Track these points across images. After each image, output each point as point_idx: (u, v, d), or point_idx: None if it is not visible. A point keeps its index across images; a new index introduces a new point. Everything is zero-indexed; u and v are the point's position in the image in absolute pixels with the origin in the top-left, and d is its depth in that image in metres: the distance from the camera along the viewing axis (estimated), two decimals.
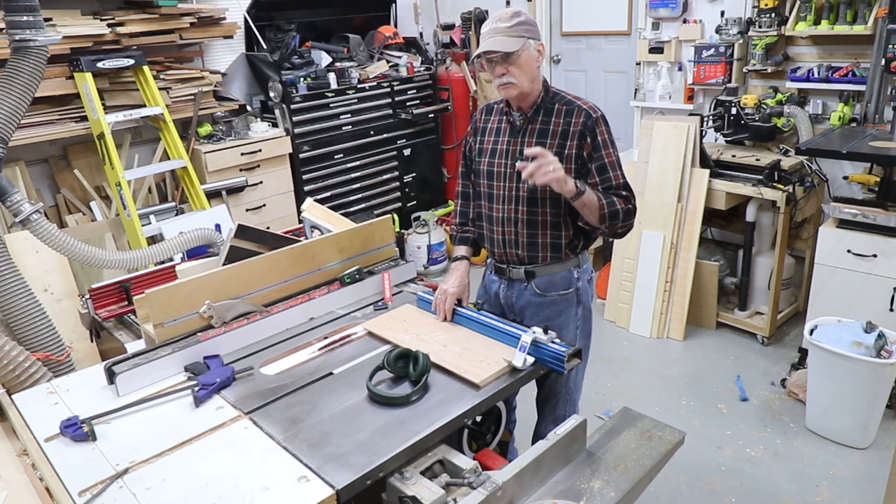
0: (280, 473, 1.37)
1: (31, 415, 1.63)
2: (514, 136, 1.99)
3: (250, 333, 1.92)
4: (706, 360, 3.47)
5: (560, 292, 2.04)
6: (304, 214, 2.50)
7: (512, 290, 2.09)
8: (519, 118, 1.98)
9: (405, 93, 4.90)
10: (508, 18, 1.87)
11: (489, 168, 2.04)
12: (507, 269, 2.08)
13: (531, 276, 2.04)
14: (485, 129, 2.09)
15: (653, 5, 4.14)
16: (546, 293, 2.04)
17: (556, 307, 2.05)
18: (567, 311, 2.06)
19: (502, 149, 2.02)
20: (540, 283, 2.04)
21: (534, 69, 1.91)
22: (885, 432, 2.79)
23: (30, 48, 2.44)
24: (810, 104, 3.62)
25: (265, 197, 4.36)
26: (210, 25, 4.10)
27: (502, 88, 1.91)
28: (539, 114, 1.96)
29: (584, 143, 1.92)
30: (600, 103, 4.49)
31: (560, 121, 1.93)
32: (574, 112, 1.93)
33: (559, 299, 2.05)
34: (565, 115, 1.93)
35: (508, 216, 2.02)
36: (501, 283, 2.12)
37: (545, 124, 1.95)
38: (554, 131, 1.93)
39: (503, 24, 1.86)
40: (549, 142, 1.93)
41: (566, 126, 1.92)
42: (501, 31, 1.85)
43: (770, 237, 3.61)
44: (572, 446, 1.56)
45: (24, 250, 2.97)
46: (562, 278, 2.04)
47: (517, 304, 2.09)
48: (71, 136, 3.67)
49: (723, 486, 2.58)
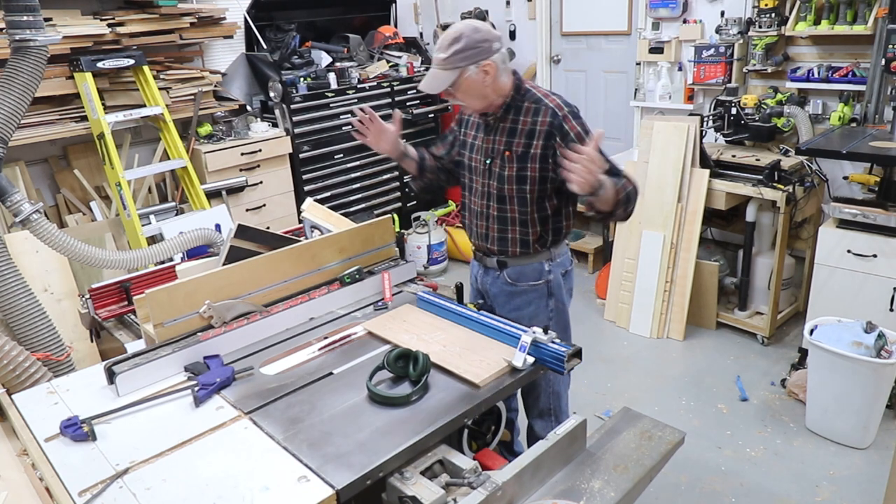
0: (280, 473, 1.37)
1: (31, 415, 1.62)
2: (486, 133, 2.05)
3: (250, 333, 1.92)
4: (706, 360, 3.47)
5: (530, 283, 2.10)
6: (304, 214, 2.50)
7: (487, 276, 2.20)
8: (490, 116, 2.03)
9: (405, 93, 4.90)
10: (446, 48, 1.86)
11: (469, 162, 2.14)
12: (482, 257, 2.20)
13: (503, 265, 2.12)
14: (467, 121, 2.17)
15: (653, 5, 4.14)
16: (517, 283, 2.12)
17: (526, 297, 2.12)
18: (538, 301, 2.12)
19: (478, 145, 2.09)
20: (511, 273, 2.11)
21: (481, 89, 1.90)
22: (885, 432, 2.79)
23: (30, 48, 2.45)
24: (810, 104, 3.62)
25: (265, 197, 4.36)
26: (210, 25, 4.11)
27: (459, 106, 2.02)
28: (509, 112, 1.98)
29: (551, 143, 1.91)
30: (600, 103, 4.49)
31: (528, 119, 1.95)
32: (541, 111, 1.93)
33: (529, 290, 2.11)
34: (532, 114, 1.94)
35: (482, 210, 2.11)
36: (479, 269, 2.24)
37: (514, 123, 1.97)
38: (521, 130, 1.95)
39: (441, 55, 1.88)
40: (517, 140, 1.96)
41: (532, 125, 1.93)
42: (438, 62, 1.89)
43: (770, 237, 3.61)
44: (572, 446, 1.56)
45: (24, 250, 2.97)
46: (532, 270, 2.10)
47: (491, 290, 2.20)
48: (71, 136, 3.67)
49: (723, 486, 2.58)
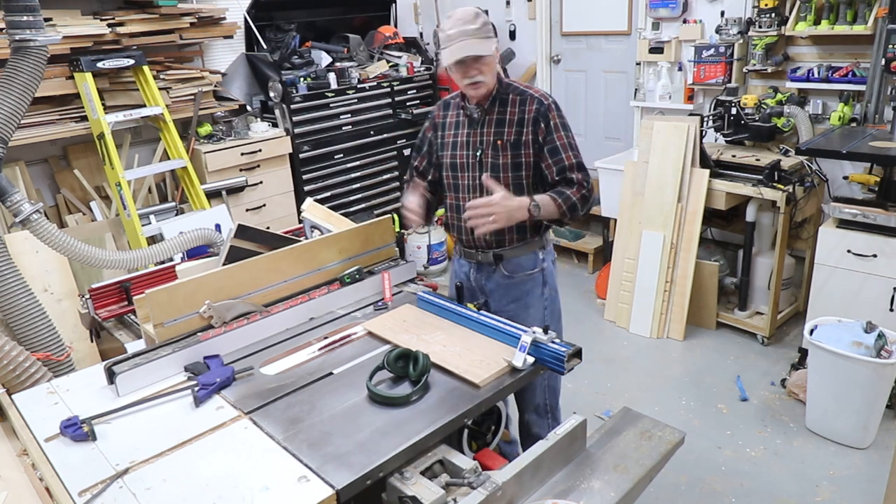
0: (280, 473, 1.37)
1: (31, 415, 1.63)
2: (472, 127, 2.08)
3: (250, 333, 1.92)
4: (706, 360, 3.47)
5: (527, 273, 2.15)
6: (304, 214, 2.51)
7: (481, 272, 2.19)
8: (476, 111, 2.05)
9: (405, 93, 4.90)
10: (474, 19, 1.91)
11: (452, 160, 2.14)
12: (476, 253, 2.17)
13: (499, 259, 2.14)
14: (444, 123, 2.17)
15: (653, 5, 4.14)
16: (514, 274, 2.15)
17: (524, 287, 2.16)
18: (534, 290, 2.17)
19: (463, 141, 2.10)
20: (508, 265, 2.14)
21: (496, 66, 2.01)
22: (885, 432, 2.79)
23: (30, 48, 2.44)
24: (810, 104, 3.62)
25: (265, 197, 4.36)
26: (210, 25, 4.10)
27: (471, 87, 1.98)
28: (495, 105, 2.05)
29: (538, 129, 2.02)
30: (600, 103, 4.52)
31: (515, 110, 2.03)
32: (527, 101, 2.02)
33: (526, 279, 2.16)
34: (520, 105, 2.03)
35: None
36: (471, 266, 2.21)
37: (501, 114, 2.04)
38: (510, 120, 2.03)
39: (471, 27, 1.90)
40: (507, 130, 2.03)
41: (521, 114, 2.02)
42: (471, 33, 1.90)
43: (770, 237, 3.61)
44: (572, 446, 1.56)
45: (24, 250, 2.97)
46: (528, 259, 2.15)
47: (487, 286, 2.19)
48: (71, 136, 3.67)
49: (723, 486, 2.58)
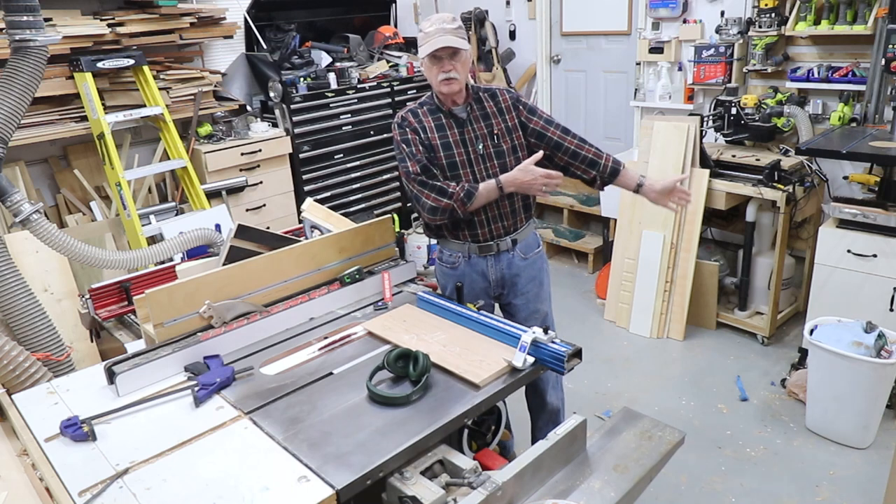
0: (280, 473, 1.37)
1: (31, 415, 1.63)
2: (462, 126, 2.15)
3: (250, 333, 1.92)
4: (706, 360, 3.47)
5: (535, 251, 2.30)
6: (304, 214, 2.51)
7: (500, 262, 2.24)
8: (462, 110, 2.15)
9: (405, 93, 4.90)
10: (451, 21, 2.07)
11: (450, 160, 2.15)
12: (494, 244, 2.21)
13: (515, 242, 2.24)
14: (423, 128, 2.16)
15: (653, 5, 4.14)
16: (527, 255, 2.27)
17: (537, 265, 2.31)
18: (543, 266, 2.34)
19: (456, 140, 2.15)
20: (522, 246, 2.26)
21: (469, 68, 2.15)
22: (885, 432, 2.79)
23: (30, 48, 2.45)
24: (810, 104, 3.61)
25: (265, 197, 4.36)
26: (210, 25, 4.11)
27: (445, 84, 2.07)
28: (474, 103, 2.18)
29: (519, 112, 2.20)
30: (600, 103, 4.59)
31: (491, 104, 2.19)
32: (496, 94, 2.21)
33: (536, 258, 2.30)
34: (492, 99, 2.20)
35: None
36: (488, 260, 2.23)
37: (482, 110, 2.18)
38: (493, 112, 2.18)
39: (449, 26, 2.04)
40: (494, 121, 2.17)
41: (498, 105, 2.19)
42: (450, 31, 2.04)
43: (770, 237, 3.61)
44: (572, 446, 1.56)
45: (24, 250, 2.97)
46: (533, 238, 2.31)
47: (507, 273, 2.26)
48: (71, 136, 3.67)
49: (723, 486, 2.58)
